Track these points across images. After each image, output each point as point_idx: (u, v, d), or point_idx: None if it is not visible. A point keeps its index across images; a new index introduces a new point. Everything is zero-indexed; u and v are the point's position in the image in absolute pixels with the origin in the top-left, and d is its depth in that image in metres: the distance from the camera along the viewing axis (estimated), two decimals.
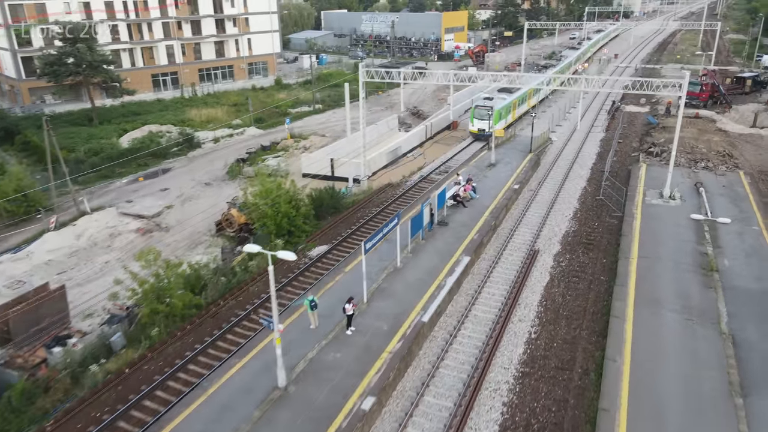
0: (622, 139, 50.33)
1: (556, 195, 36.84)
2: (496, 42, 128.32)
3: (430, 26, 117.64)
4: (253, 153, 50.60)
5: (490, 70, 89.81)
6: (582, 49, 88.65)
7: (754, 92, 67.14)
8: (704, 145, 46.74)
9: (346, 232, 32.70)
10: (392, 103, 73.30)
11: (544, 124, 54.50)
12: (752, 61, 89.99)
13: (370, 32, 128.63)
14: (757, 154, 45.00)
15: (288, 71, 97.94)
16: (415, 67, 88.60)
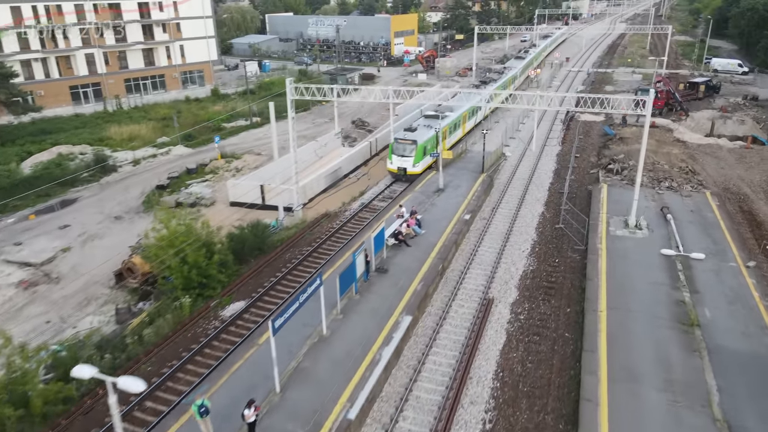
0: (579, 153, 47.08)
1: (511, 224, 32.90)
2: (447, 46, 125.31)
3: (379, 30, 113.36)
4: (176, 178, 44.88)
5: (441, 76, 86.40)
6: (528, 58, 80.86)
7: (707, 97, 65.64)
8: (664, 158, 43.89)
9: (269, 281, 27.72)
10: (339, 113, 68.51)
11: (497, 137, 50.84)
12: (701, 64, 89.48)
13: (317, 36, 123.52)
14: (718, 168, 42.39)
15: (228, 79, 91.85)
16: (362, 75, 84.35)
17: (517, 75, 70.61)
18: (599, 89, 73.88)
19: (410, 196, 35.51)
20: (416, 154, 39.89)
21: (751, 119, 57.50)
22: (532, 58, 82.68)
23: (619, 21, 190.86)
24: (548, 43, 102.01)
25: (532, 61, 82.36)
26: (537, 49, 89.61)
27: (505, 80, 63.37)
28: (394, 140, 41.99)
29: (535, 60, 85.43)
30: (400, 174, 40.53)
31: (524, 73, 76.39)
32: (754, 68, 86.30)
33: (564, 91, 70.21)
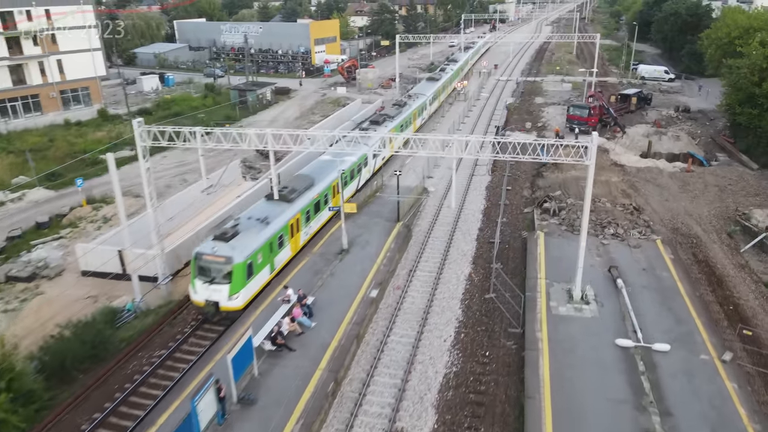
0: (510, 183, 41.35)
1: (431, 295, 26.33)
2: (373, 53, 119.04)
3: (298, 37, 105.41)
4: (19, 237, 35.56)
5: (362, 89, 79.62)
6: (443, 80, 65.90)
7: (639, 110, 62.22)
8: (604, 189, 38.81)
9: (96, 415, 19.70)
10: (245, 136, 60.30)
11: (420, 166, 44.46)
12: (629, 70, 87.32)
13: (231, 44, 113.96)
14: (663, 201, 37.66)
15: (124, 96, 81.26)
16: (275, 90, 76.25)
17: (425, 105, 57.07)
18: (529, 101, 69.41)
19: (306, 262, 28.25)
20: (234, 280, 23.77)
21: (686, 134, 54.13)
22: (449, 78, 69.58)
23: (545, 24, 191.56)
24: (470, 56, 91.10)
25: (449, 80, 69.65)
26: (457, 65, 76.94)
27: (405, 117, 48.79)
28: (195, 256, 24.69)
29: (456, 76, 73.80)
30: (209, 313, 24.17)
31: (438, 98, 63.61)
32: (681, 75, 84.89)
33: (490, 112, 65.01)
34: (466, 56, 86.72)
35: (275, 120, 66.89)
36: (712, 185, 40.70)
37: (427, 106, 58.13)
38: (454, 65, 75.97)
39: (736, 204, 37.06)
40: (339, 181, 31.51)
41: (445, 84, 66.51)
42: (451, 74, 70.66)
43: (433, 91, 60.41)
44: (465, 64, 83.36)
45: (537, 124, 57.95)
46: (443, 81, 66.02)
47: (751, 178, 42.17)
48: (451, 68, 73.62)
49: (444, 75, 68.40)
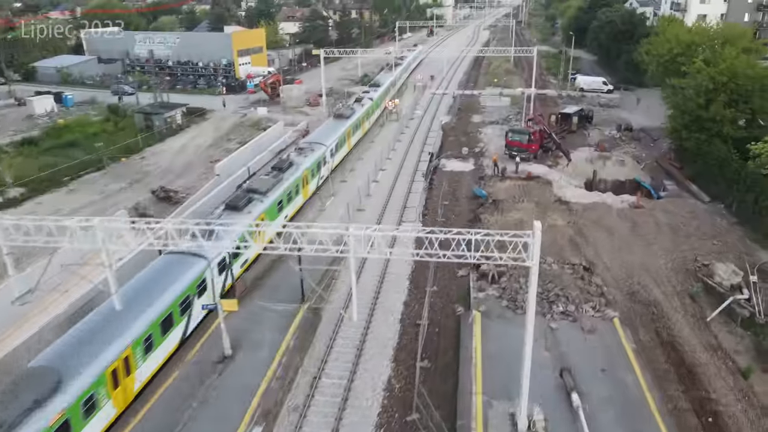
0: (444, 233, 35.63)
1: (337, 420, 20.10)
2: (303, 63, 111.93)
3: (220, 49, 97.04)
4: None
5: (286, 108, 72.64)
6: (358, 114, 53.78)
7: (581, 128, 58.36)
8: (549, 239, 33.71)
9: None
10: (146, 171, 52.31)
11: (338, 209, 38.26)
12: (567, 81, 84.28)
13: (147, 56, 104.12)
14: (614, 251, 32.99)
15: (14, 119, 71.23)
16: (187, 110, 68.12)
17: (323, 158, 42.56)
18: (466, 120, 64.52)
19: (172, 381, 21.41)
20: None
21: (631, 158, 50.43)
22: (366, 111, 56.95)
23: (482, 28, 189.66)
24: (399, 74, 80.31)
25: (367, 114, 57.20)
26: (379, 90, 64.71)
27: (285, 189, 35.22)
28: None
29: (376, 106, 62.15)
30: None
31: (347, 141, 49.84)
32: (619, 86, 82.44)
33: (424, 134, 59.59)
34: (393, 76, 75.81)
35: (184, 148, 59.02)
36: (664, 225, 36.50)
37: (327, 158, 43.65)
38: (374, 93, 62.98)
39: (693, 251, 32.83)
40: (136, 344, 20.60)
41: (359, 120, 53.77)
42: (368, 106, 57.82)
43: (338, 135, 46.72)
44: (392, 85, 73.14)
45: (474, 149, 52.86)
46: (356, 117, 52.78)
47: (704, 214, 38.33)
48: (371, 97, 60.58)
49: (359, 108, 55.32)
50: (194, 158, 56.06)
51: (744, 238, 34.71)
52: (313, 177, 40.73)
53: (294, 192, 37.08)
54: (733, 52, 44.75)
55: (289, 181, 36.11)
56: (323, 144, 43.90)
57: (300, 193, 38.29)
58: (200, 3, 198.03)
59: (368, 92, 63.42)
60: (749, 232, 35.27)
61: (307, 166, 39.40)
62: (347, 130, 49.70)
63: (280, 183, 35.21)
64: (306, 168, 39.26)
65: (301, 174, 38.03)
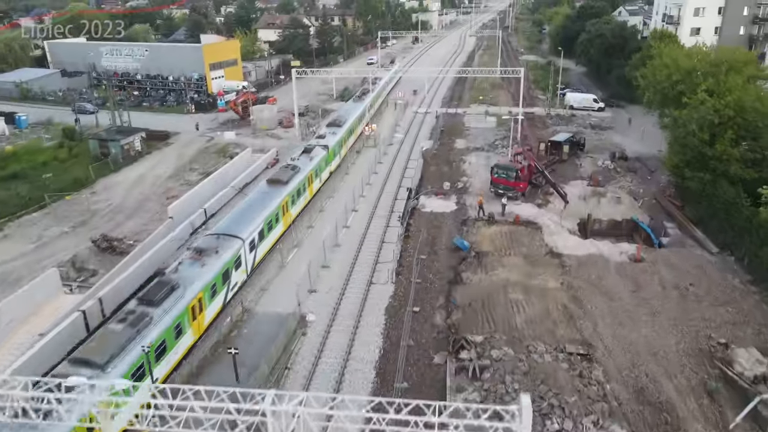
0: (420, 300, 31.03)
1: None
2: (281, 76, 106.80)
3: (191, 62, 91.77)
4: None
5: (257, 131, 67.61)
6: (317, 160, 44.79)
7: (572, 156, 54.07)
8: (540, 309, 29.34)
9: None
10: (95, 209, 47.00)
11: (300, 268, 33.41)
12: (556, 97, 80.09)
13: (114, 69, 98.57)
14: (616, 325, 28.53)
15: None
16: (144, 136, 62.74)
17: (236, 259, 30.33)
18: (449, 146, 60.00)
19: None
20: None
21: (627, 194, 46.20)
22: (320, 162, 45.65)
23: (468, 35, 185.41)
24: (372, 99, 68.57)
25: (321, 165, 46.12)
26: (340, 132, 52.42)
27: (179, 311, 24.69)
28: None
29: (339, 147, 51.75)
30: None
31: (279, 221, 36.77)
32: (611, 102, 78.47)
33: (404, 163, 54.88)
34: (363, 106, 63.82)
35: (141, 180, 53.84)
36: (670, 285, 32.15)
37: (242, 257, 30.93)
38: (332, 137, 50.07)
39: (706, 323, 28.51)
40: None
41: (302, 184, 40.86)
42: (320, 159, 45.25)
43: (266, 215, 34.03)
44: (360, 119, 61.22)
45: (457, 183, 48.28)
46: (298, 181, 39.89)
47: (713, 270, 34.06)
48: (326, 144, 47.98)
49: (305, 166, 42.31)
50: (150, 192, 50.95)
51: (761, 303, 30.45)
52: (213, 298, 27.59)
53: (176, 334, 24.50)
54: (739, 81, 40.63)
55: (160, 329, 23.07)
56: (238, 237, 30.84)
57: (189, 329, 25.54)
58: (181, 8, 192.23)
59: (323, 137, 50.17)
60: (766, 296, 31.00)
61: (191, 297, 25.35)
62: (282, 203, 36.17)
63: (169, 308, 24.12)
64: (223, 264, 28.34)
65: (183, 310, 24.69)
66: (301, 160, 43.65)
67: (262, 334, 27.79)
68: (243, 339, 27.59)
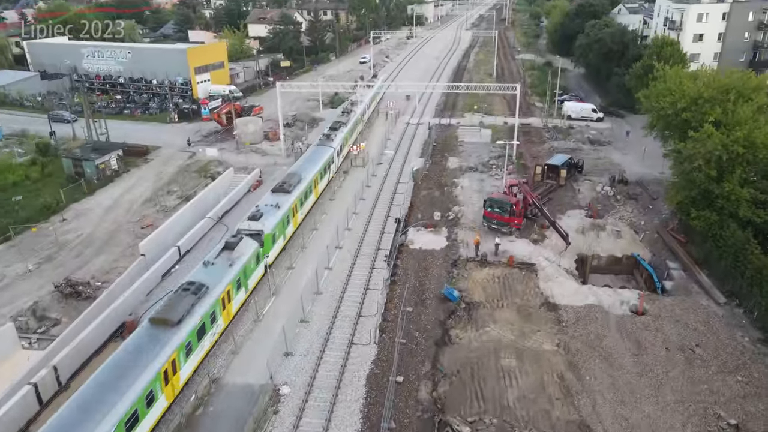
0: (404, 367, 28.53)
1: None
2: (269, 78, 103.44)
3: (175, 65, 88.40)
4: None
5: (240, 146, 64.61)
6: (287, 205, 38.70)
7: (570, 179, 51.46)
8: (534, 381, 26.99)
9: None
10: (63, 242, 44.12)
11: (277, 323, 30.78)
12: (553, 105, 77.23)
13: (96, 71, 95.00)
14: (616, 402, 26.18)
15: None
16: (121, 154, 59.66)
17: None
18: (441, 165, 57.28)
19: None
20: None
21: (628, 226, 43.72)
22: (279, 225, 36.98)
23: (464, 28, 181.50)
24: (343, 136, 54.95)
25: (284, 222, 38.06)
26: (304, 182, 42.59)
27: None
28: None
29: (289, 216, 39.24)
30: None
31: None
32: (610, 110, 75.78)
33: (393, 186, 52.12)
34: (332, 149, 51.02)
35: (116, 205, 51.06)
36: (675, 347, 29.81)
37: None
38: (284, 198, 39.12)
39: (716, 401, 26.19)
40: None
41: (239, 275, 31.01)
42: (250, 254, 32.56)
43: (153, 373, 23.29)
44: (330, 162, 50.20)
45: (448, 213, 45.63)
46: (220, 292, 28.85)
47: (721, 325, 31.72)
48: (277, 203, 38.21)
49: (237, 259, 31.35)
50: (124, 221, 48.19)
51: None
52: None
53: None
54: (749, 111, 37.99)
55: None
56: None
57: None
58: None
59: (257, 217, 36.04)
60: None
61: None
62: (160, 371, 23.55)
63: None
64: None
65: None
66: (216, 267, 29.93)
67: (230, 412, 25.33)
68: (209, 419, 25.10)
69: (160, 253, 40.04)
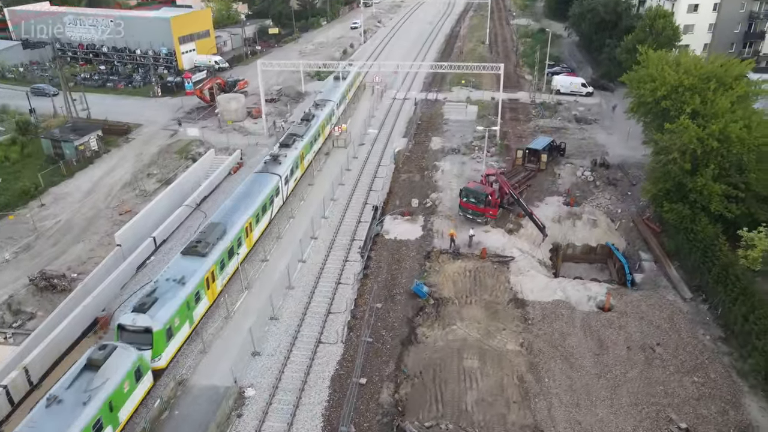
0: (368, 366, 29.11)
1: None
2: (257, 45, 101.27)
3: (159, 35, 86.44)
4: None
5: (223, 125, 63.81)
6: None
7: (551, 163, 51.14)
8: (494, 383, 27.59)
9: None
10: (41, 229, 44.24)
11: (247, 321, 31.22)
12: (543, 78, 75.92)
13: (79, 40, 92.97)
14: (572, 406, 26.81)
15: None
16: (101, 135, 58.89)
17: None
18: (423, 146, 56.77)
19: None
20: None
21: (604, 215, 43.73)
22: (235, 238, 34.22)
23: None
24: (312, 135, 49.66)
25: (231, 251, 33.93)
26: (269, 186, 39.74)
27: None
28: None
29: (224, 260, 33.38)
30: None
31: None
32: (601, 82, 74.50)
33: (373, 170, 51.80)
34: (297, 150, 45.79)
35: (95, 189, 50.99)
36: (636, 347, 30.36)
37: None
38: (216, 246, 32.54)
39: (670, 403, 26.86)
40: None
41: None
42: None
43: None
44: (299, 162, 46.12)
45: (426, 201, 45.55)
46: None
47: (685, 322, 32.22)
48: (206, 251, 31.92)
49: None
50: (103, 206, 48.25)
51: (730, 370, 28.73)
52: None
53: None
54: (727, 102, 37.44)
55: None
56: None
57: None
58: None
59: (188, 261, 31.02)
60: (737, 361, 29.25)
61: None
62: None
63: None
64: None
65: None
66: (61, 410, 21.75)
67: (195, 416, 26.03)
68: (174, 422, 25.83)
69: (137, 242, 40.23)
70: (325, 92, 62.40)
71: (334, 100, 59.37)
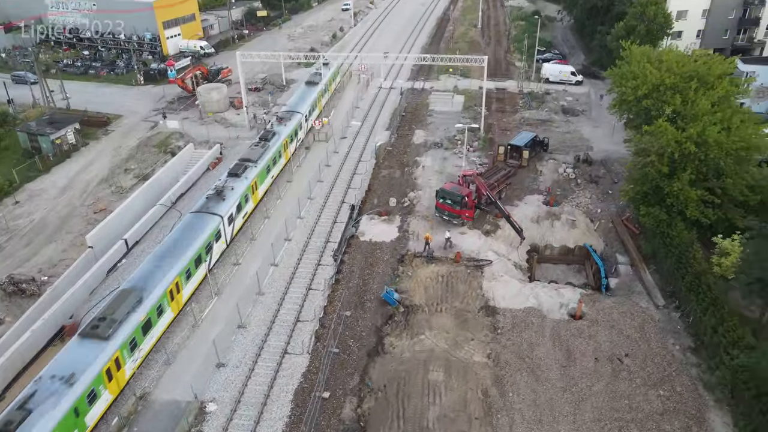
0: (332, 379, 28.91)
1: None
2: (245, 31, 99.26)
3: (143, 20, 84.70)
4: None
5: (204, 116, 62.71)
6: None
7: (533, 159, 50.38)
8: (457, 399, 27.36)
9: None
10: (14, 228, 43.77)
11: (215, 328, 30.97)
12: (533, 66, 74.58)
13: (63, 24, 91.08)
14: (534, 422, 26.61)
15: None
16: (78, 128, 57.88)
17: None
18: (406, 140, 55.89)
19: None
20: None
21: (583, 215, 43.18)
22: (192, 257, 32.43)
23: None
24: (268, 161, 43.72)
25: None
26: (206, 231, 34.48)
27: None
28: None
29: None
30: None
31: None
32: (592, 69, 73.15)
33: (353, 166, 51.00)
34: (247, 182, 40.30)
35: (71, 185, 50.36)
36: (604, 358, 30.13)
37: None
38: (122, 326, 26.90)
39: (633, 418, 26.72)
40: None
41: None
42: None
43: None
44: (248, 195, 40.69)
45: (404, 200, 44.92)
46: None
47: (655, 331, 31.93)
48: None
49: None
50: (78, 203, 47.71)
51: (697, 383, 28.54)
52: None
53: None
54: (707, 104, 36.56)
55: None
56: None
57: None
58: None
59: (85, 347, 25.64)
60: (704, 373, 29.05)
61: None
62: None
63: None
64: None
65: None
66: None
67: None
68: None
69: (109, 244, 39.81)
70: (292, 102, 55.50)
71: (302, 111, 52.67)
